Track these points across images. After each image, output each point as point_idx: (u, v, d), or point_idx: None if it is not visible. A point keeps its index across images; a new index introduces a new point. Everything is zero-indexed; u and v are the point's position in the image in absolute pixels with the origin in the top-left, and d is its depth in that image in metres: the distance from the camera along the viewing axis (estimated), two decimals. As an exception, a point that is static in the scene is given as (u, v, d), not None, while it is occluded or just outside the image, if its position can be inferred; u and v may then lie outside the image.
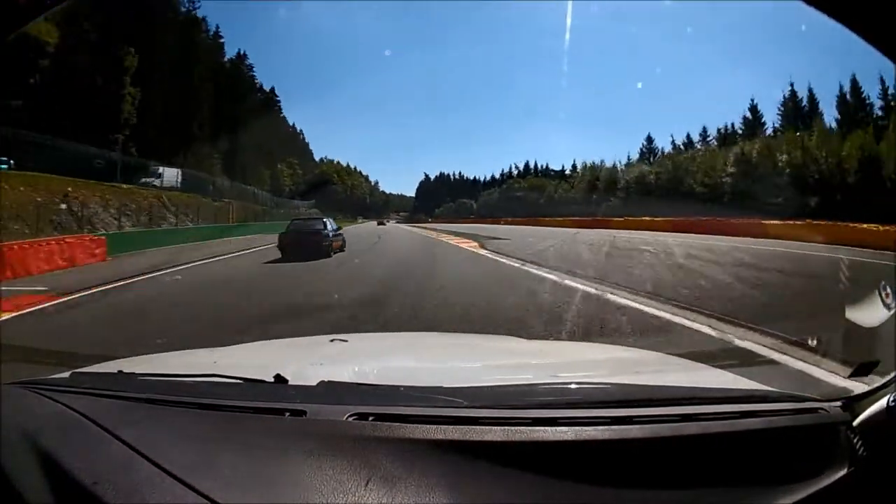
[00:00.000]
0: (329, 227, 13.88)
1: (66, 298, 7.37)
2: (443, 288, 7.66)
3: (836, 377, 3.03)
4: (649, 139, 49.34)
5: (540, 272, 9.30)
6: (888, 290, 1.16)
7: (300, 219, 18.62)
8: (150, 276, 9.87)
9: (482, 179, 75.60)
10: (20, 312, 6.40)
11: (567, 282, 7.91)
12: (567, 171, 58.57)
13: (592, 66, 76.47)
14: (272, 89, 49.48)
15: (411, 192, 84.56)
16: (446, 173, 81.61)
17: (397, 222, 64.49)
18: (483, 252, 14.34)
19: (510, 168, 69.54)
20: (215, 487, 0.70)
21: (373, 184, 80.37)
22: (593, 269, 9.60)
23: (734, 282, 7.72)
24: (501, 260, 11.93)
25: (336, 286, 7.91)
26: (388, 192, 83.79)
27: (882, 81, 29.60)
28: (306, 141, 61.58)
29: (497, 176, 71.73)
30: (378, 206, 78.47)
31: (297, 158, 56.03)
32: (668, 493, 0.77)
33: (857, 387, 0.99)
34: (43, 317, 6.32)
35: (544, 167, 64.59)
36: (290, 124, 58.37)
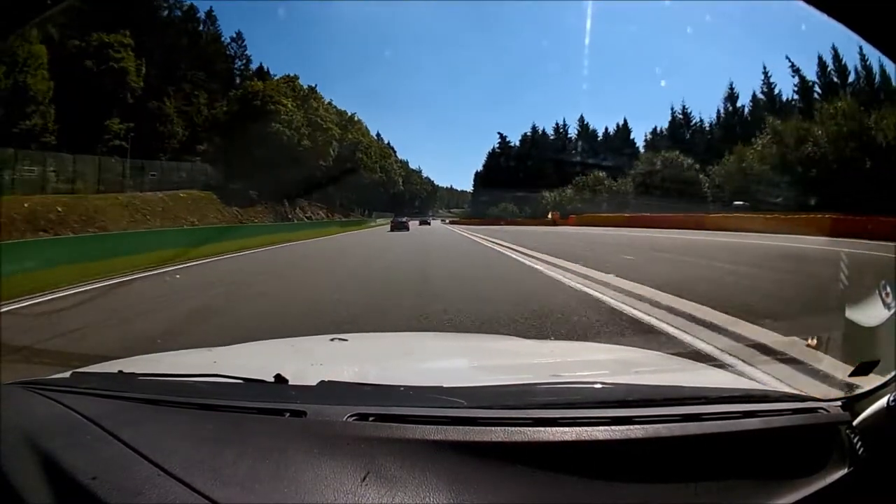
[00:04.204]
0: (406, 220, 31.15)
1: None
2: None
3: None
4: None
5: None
6: (888, 289, 1.16)
7: (399, 217, 30.39)
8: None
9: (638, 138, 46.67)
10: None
11: None
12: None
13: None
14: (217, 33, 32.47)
15: (463, 187, 59.85)
16: (540, 128, 50.44)
17: (450, 222, 45.48)
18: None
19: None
20: (215, 487, 0.70)
21: (412, 168, 54.14)
22: None
23: None
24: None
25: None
26: (431, 178, 60.54)
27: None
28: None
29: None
30: (420, 198, 55.04)
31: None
32: (668, 493, 0.77)
33: (857, 386, 0.99)
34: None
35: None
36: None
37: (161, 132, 26.68)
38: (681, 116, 49.87)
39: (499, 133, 56.70)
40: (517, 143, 52.20)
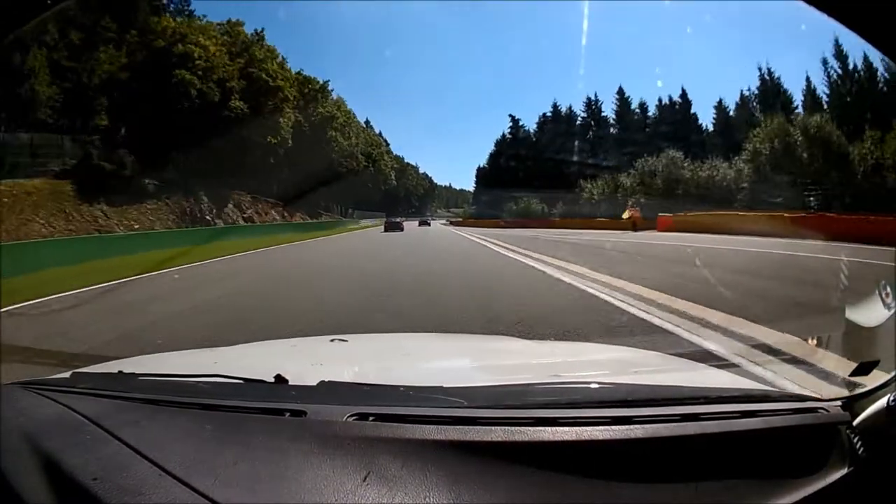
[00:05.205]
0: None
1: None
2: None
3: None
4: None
5: None
6: (888, 289, 1.16)
7: (392, 217, 30.81)
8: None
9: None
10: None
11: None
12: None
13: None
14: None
15: (462, 186, 54.09)
16: (563, 107, 39.32)
17: (451, 223, 41.86)
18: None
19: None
20: (215, 487, 0.70)
21: (408, 163, 47.78)
22: None
23: None
24: None
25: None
26: (428, 174, 55.51)
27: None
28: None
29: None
30: (417, 195, 51.22)
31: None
32: (668, 493, 0.77)
33: (858, 386, 0.99)
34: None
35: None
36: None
37: (24, 97, 16.87)
38: (769, 81, 35.81)
39: (510, 116, 45.85)
40: (533, 129, 41.70)
